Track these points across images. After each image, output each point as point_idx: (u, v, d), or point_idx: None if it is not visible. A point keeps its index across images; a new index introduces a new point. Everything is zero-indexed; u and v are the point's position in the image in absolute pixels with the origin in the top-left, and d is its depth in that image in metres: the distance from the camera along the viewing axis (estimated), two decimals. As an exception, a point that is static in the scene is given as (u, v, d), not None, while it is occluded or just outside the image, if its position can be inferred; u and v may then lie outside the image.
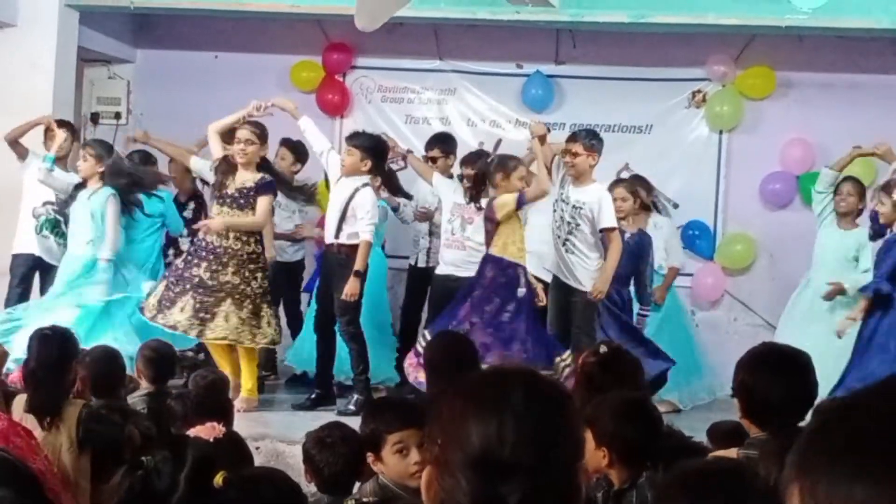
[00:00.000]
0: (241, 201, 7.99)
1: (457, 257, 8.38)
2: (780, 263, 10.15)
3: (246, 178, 8.02)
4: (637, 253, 8.39)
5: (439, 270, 8.56)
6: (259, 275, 8.01)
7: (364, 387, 8.05)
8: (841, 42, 9.91)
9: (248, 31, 10.97)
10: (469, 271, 8.16)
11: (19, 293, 8.75)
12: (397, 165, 9.54)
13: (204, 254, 8.00)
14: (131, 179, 8.46)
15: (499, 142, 9.98)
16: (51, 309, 7.90)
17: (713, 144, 10.61)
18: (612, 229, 7.77)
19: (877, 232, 7.98)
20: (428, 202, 9.34)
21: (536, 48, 10.68)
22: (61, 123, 8.84)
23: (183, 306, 7.90)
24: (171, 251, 9.60)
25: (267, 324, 7.98)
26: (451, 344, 5.99)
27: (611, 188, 8.36)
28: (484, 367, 6.67)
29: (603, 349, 4.85)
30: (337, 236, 8.08)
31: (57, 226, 8.77)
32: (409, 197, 9.12)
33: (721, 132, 10.59)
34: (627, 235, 8.32)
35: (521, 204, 7.68)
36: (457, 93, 11.01)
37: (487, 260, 7.76)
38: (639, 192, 8.73)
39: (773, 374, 3.55)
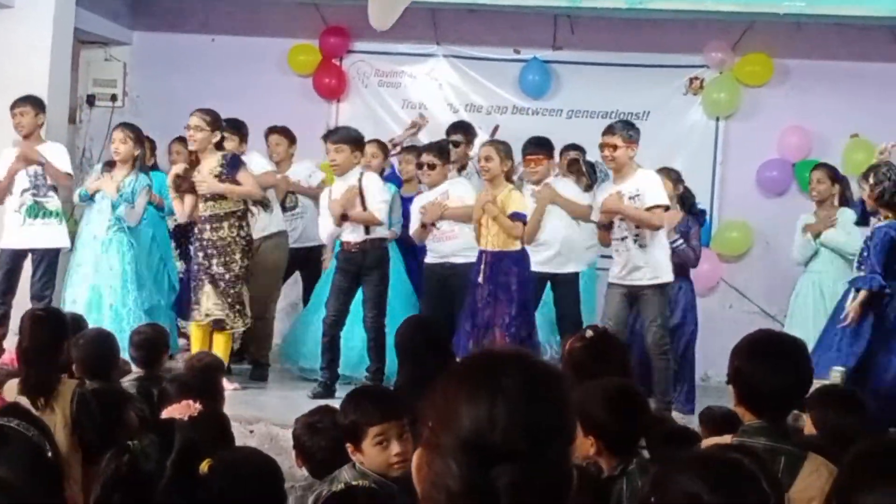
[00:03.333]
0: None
1: (451, 248, 8.37)
2: (775, 251, 10.13)
3: (211, 164, 7.98)
4: None
5: (430, 260, 8.52)
6: (226, 259, 7.97)
7: (378, 381, 8.02)
8: (839, 29, 9.89)
9: (245, 13, 10.94)
10: (464, 258, 8.19)
11: (4, 289, 8.66)
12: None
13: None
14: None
15: (496, 128, 9.96)
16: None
17: (710, 131, 10.60)
18: (659, 206, 7.65)
19: (863, 218, 8.02)
20: None
21: (534, 34, 10.65)
22: (24, 100, 8.64)
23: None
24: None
25: (211, 303, 7.99)
26: (422, 327, 5.97)
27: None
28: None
29: (589, 333, 4.84)
30: (368, 232, 8.16)
31: (41, 208, 8.58)
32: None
33: (718, 119, 10.58)
34: None
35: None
36: (454, 78, 10.98)
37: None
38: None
39: (768, 361, 3.54)
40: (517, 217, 7.72)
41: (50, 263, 8.58)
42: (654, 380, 7.71)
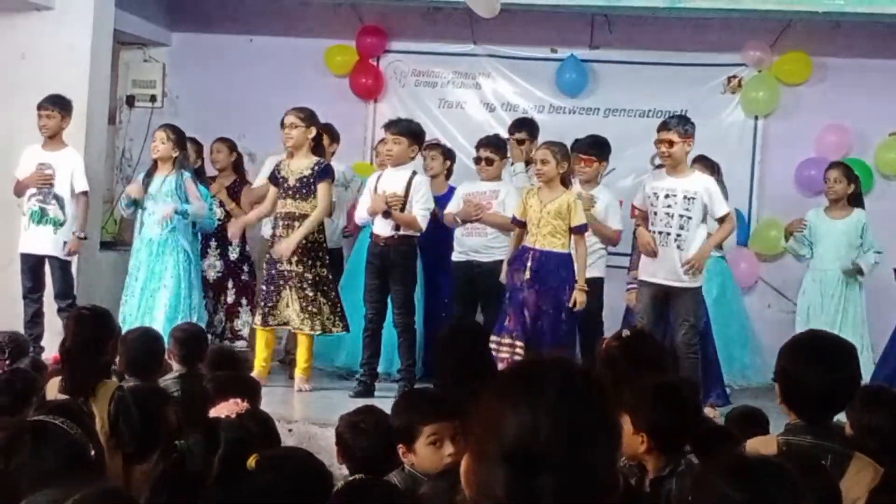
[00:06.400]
0: (304, 190, 8.10)
1: (478, 243, 8.43)
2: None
3: (302, 165, 8.14)
4: None
5: (457, 258, 8.57)
6: (318, 263, 8.13)
7: (409, 378, 8.08)
8: (878, 28, 9.82)
9: (282, 14, 10.98)
10: (489, 256, 8.29)
11: (28, 288, 8.69)
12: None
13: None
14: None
15: (532, 126, 9.95)
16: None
17: (749, 130, 10.56)
18: (727, 214, 7.78)
19: None
20: None
21: (571, 33, 10.63)
22: (53, 103, 8.61)
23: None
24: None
25: (329, 312, 8.16)
26: (464, 331, 5.98)
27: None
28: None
29: (626, 332, 4.82)
30: (398, 228, 8.13)
31: (44, 215, 8.62)
32: None
33: (757, 118, 10.54)
34: None
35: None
36: (491, 77, 10.99)
37: None
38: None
39: (814, 362, 3.50)
40: (581, 230, 7.67)
41: (59, 268, 8.68)
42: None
